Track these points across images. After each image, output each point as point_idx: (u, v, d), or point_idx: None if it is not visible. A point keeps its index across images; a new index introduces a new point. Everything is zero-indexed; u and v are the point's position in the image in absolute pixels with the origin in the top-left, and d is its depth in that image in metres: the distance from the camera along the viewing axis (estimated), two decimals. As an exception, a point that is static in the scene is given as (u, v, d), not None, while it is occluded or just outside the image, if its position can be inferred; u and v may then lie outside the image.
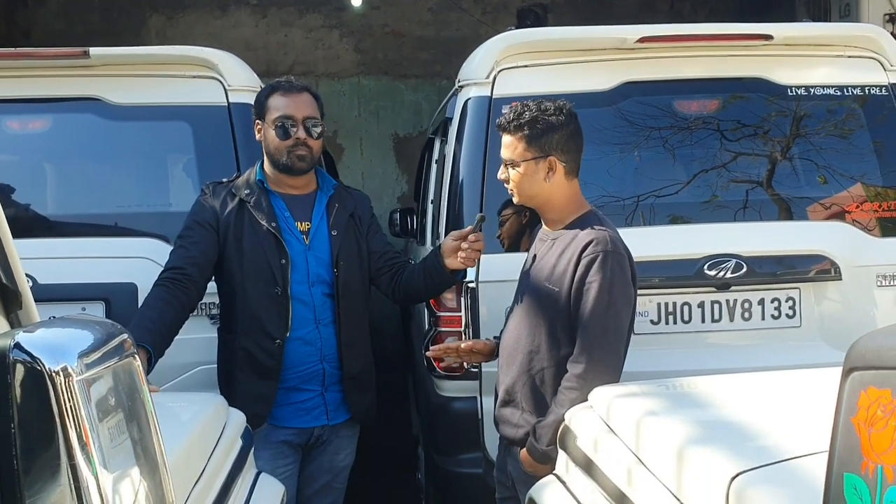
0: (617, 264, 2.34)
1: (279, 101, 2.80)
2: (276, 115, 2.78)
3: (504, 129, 2.47)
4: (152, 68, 3.43)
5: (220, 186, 2.84)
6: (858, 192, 3.25)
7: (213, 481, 1.86)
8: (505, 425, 2.52)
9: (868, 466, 0.94)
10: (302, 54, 8.13)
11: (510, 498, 2.62)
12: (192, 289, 2.72)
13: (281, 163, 2.79)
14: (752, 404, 1.97)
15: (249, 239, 2.75)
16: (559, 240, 2.45)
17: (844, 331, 3.07)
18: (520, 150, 2.43)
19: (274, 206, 2.80)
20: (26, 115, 3.50)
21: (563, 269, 2.38)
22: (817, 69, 3.36)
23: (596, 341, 2.32)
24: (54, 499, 0.84)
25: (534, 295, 2.47)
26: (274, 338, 2.73)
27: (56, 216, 3.46)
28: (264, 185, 2.82)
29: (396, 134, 8.13)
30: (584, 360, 2.31)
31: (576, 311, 2.35)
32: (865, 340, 1.00)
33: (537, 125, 2.41)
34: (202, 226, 2.77)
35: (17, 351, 0.85)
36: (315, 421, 2.82)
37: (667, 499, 1.65)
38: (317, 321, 2.79)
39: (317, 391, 2.81)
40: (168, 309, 2.64)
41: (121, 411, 0.95)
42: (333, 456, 2.92)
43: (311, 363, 2.78)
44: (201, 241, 2.76)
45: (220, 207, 2.78)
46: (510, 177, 2.48)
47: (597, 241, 2.34)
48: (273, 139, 2.78)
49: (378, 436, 5.61)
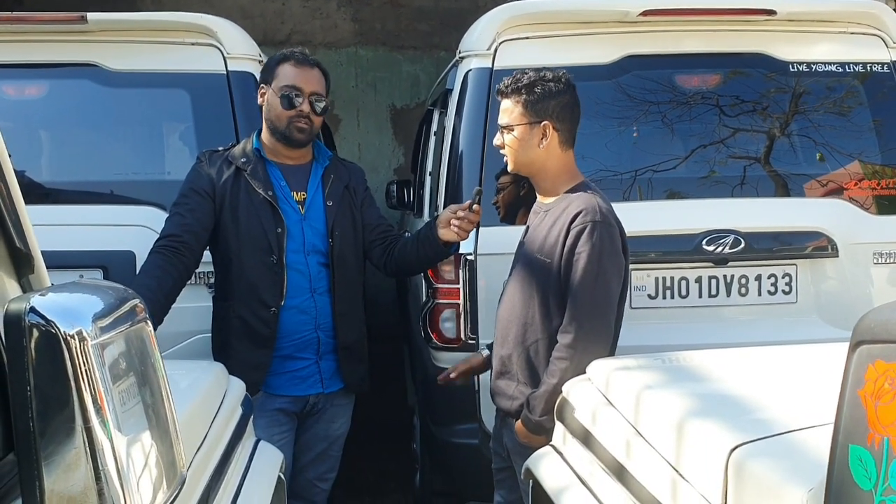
0: (606, 234, 2.35)
1: (290, 70, 2.79)
2: (284, 84, 2.76)
3: (502, 93, 2.50)
4: (151, 35, 3.39)
5: (215, 155, 2.83)
6: (856, 170, 3.26)
7: (215, 448, 1.87)
8: (500, 397, 2.54)
9: (874, 438, 0.95)
10: (299, 23, 8.05)
11: (506, 468, 2.64)
12: (188, 256, 2.72)
13: (279, 131, 2.78)
14: (750, 379, 1.99)
15: (245, 207, 2.75)
16: (551, 211, 2.46)
17: (840, 307, 3.10)
18: (516, 114, 2.46)
19: (270, 175, 2.79)
20: (22, 80, 3.47)
21: (554, 239, 2.39)
22: (819, 45, 3.35)
23: (585, 311, 2.33)
24: (69, 460, 0.85)
25: (527, 267, 2.48)
26: (269, 306, 2.74)
27: (53, 183, 3.44)
28: (261, 154, 2.82)
29: (394, 105, 8.09)
30: (573, 330, 2.33)
31: (566, 281, 2.37)
32: (874, 314, 1.01)
33: (535, 90, 2.43)
34: (199, 193, 2.76)
35: (33, 315, 0.85)
36: (310, 389, 2.84)
37: (665, 471, 1.67)
38: (312, 290, 2.80)
39: (311, 360, 2.83)
40: (166, 277, 2.64)
41: (133, 375, 0.95)
42: (329, 424, 2.94)
43: (305, 332, 2.80)
44: (197, 209, 2.75)
45: (217, 175, 2.77)
46: (505, 142, 2.50)
47: (586, 212, 2.35)
48: (276, 106, 2.77)
49: (373, 406, 5.65)
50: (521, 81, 2.45)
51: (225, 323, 2.81)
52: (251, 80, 3.36)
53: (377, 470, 4.67)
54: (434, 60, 7.92)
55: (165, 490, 0.99)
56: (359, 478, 4.55)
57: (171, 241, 2.71)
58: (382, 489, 4.48)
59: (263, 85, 2.83)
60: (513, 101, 2.46)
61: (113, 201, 3.35)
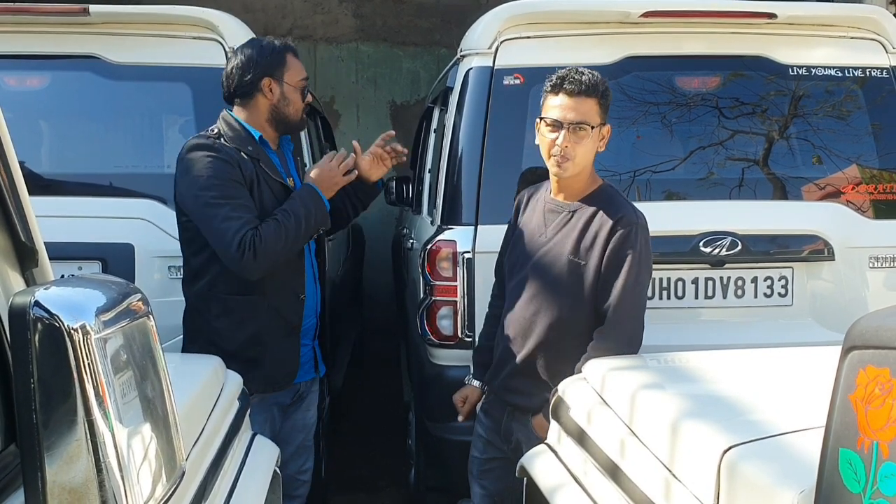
0: (645, 238, 2.43)
1: (297, 63, 2.79)
2: (301, 77, 2.77)
3: (581, 91, 2.40)
4: (153, 28, 3.40)
5: (218, 142, 2.64)
6: (854, 174, 3.27)
7: (212, 442, 1.88)
8: (514, 394, 2.56)
9: (864, 442, 0.96)
10: (300, 18, 8.05)
11: (497, 459, 2.66)
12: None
13: (295, 122, 2.79)
14: (744, 380, 2.00)
15: (269, 197, 2.67)
16: (579, 212, 2.47)
17: (836, 311, 3.12)
18: (594, 113, 2.41)
19: (274, 162, 2.78)
20: (24, 71, 3.47)
21: (591, 242, 2.41)
22: (819, 49, 3.36)
23: (627, 314, 2.40)
24: (71, 452, 0.86)
25: (554, 268, 2.48)
26: (298, 294, 2.75)
27: (53, 175, 3.45)
28: (263, 141, 2.76)
29: (394, 101, 8.09)
30: (615, 332, 2.39)
31: (605, 283, 2.40)
32: (866, 320, 1.02)
33: (608, 93, 2.45)
34: (241, 184, 2.61)
35: (37, 308, 0.86)
36: (307, 375, 2.86)
37: (659, 470, 1.68)
38: (314, 274, 2.86)
39: (309, 344, 2.86)
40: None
41: (134, 369, 0.97)
42: (305, 413, 2.95)
43: (311, 316, 2.83)
44: (251, 200, 2.62)
45: (242, 165, 2.62)
46: (572, 144, 2.39)
47: (626, 216, 2.41)
48: (297, 100, 2.76)
49: (368, 402, 5.67)
50: (594, 80, 2.41)
51: (255, 317, 2.69)
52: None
53: (372, 466, 4.69)
54: (434, 57, 7.93)
55: (165, 483, 1.00)
56: (353, 473, 4.56)
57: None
58: (376, 485, 4.49)
59: (269, 78, 2.70)
60: (593, 99, 2.40)
61: (113, 194, 3.35)
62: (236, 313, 2.68)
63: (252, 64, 2.70)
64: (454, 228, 3.16)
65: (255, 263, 2.54)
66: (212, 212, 2.56)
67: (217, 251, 2.59)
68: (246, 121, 2.73)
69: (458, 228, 3.15)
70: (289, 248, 2.63)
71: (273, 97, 2.72)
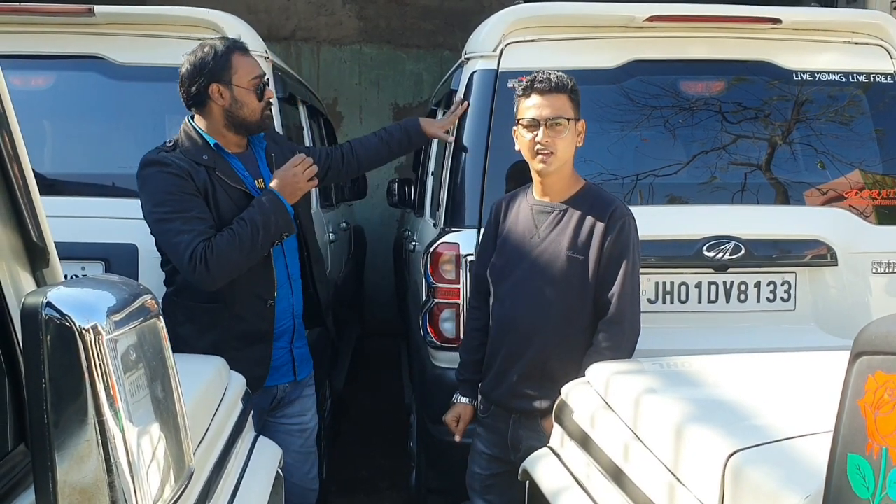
0: (636, 229, 2.53)
1: (248, 61, 2.70)
2: (253, 76, 2.68)
3: (552, 89, 2.50)
4: (157, 29, 3.41)
5: (171, 155, 2.64)
6: (857, 179, 3.27)
7: (216, 442, 1.88)
8: (523, 399, 2.56)
9: (873, 448, 0.96)
10: (304, 19, 8.06)
11: (501, 473, 2.65)
12: None
13: (254, 123, 2.71)
14: (749, 385, 2.00)
15: (226, 205, 2.64)
16: (570, 210, 2.52)
17: (838, 316, 3.12)
18: (568, 108, 2.52)
19: (235, 168, 2.72)
20: (28, 71, 3.47)
21: (587, 237, 2.48)
22: (823, 55, 3.36)
23: (629, 302, 2.47)
24: (82, 452, 0.86)
25: (553, 265, 2.51)
26: (265, 299, 2.72)
27: (57, 175, 3.44)
28: (220, 148, 2.70)
29: (396, 104, 8.10)
30: (620, 321, 2.46)
31: (605, 275, 2.47)
32: (874, 326, 1.02)
33: (577, 90, 2.54)
34: (195, 195, 2.60)
35: (49, 309, 0.86)
36: (282, 378, 2.83)
37: (663, 475, 1.68)
38: (290, 278, 2.81)
39: (286, 348, 2.83)
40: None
41: (145, 370, 0.97)
42: (300, 417, 2.93)
43: (285, 319, 2.81)
44: (207, 211, 2.61)
45: (194, 176, 2.61)
46: (552, 138, 2.49)
47: (618, 208, 2.50)
48: (252, 100, 2.68)
49: (369, 404, 5.66)
50: (562, 78, 2.52)
51: (217, 324, 2.69)
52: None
53: (372, 467, 4.69)
54: (437, 59, 7.94)
55: (173, 483, 1.00)
56: (354, 475, 4.56)
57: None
58: (377, 487, 4.49)
59: (216, 84, 2.65)
60: (564, 96, 2.50)
61: (116, 194, 3.35)
62: (199, 321, 2.70)
63: (197, 72, 2.66)
64: (457, 231, 3.16)
65: (208, 275, 2.54)
66: (165, 227, 2.58)
67: (175, 265, 2.63)
68: (205, 129, 2.71)
69: (461, 231, 3.15)
70: (247, 257, 2.59)
71: (225, 102, 2.67)
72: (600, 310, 2.49)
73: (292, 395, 2.89)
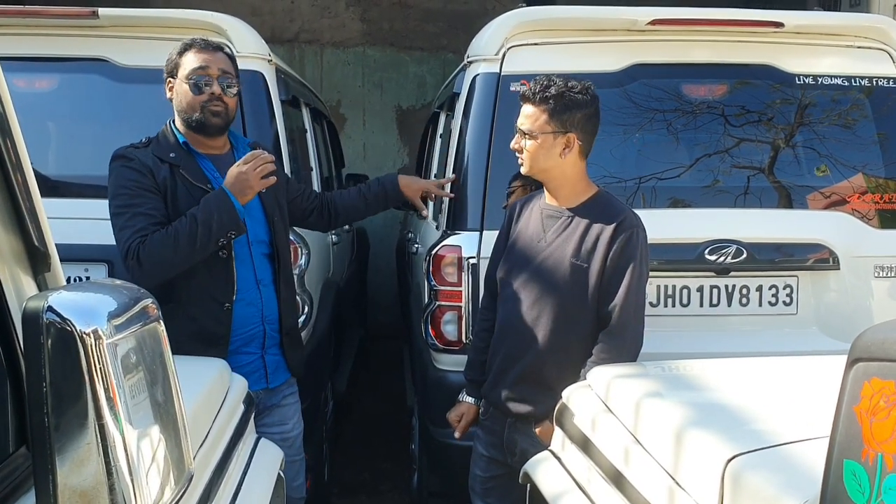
0: (645, 240, 2.48)
1: (193, 56, 2.67)
2: (191, 69, 2.65)
3: (528, 99, 2.49)
4: (161, 31, 3.41)
5: (138, 151, 2.66)
6: (860, 183, 3.28)
7: (217, 445, 1.89)
8: (518, 403, 2.56)
9: (868, 454, 0.97)
10: (307, 22, 8.08)
11: (500, 476, 2.66)
12: None
13: (193, 119, 2.66)
14: (749, 389, 2.00)
15: (187, 203, 2.60)
16: (579, 216, 2.50)
17: (840, 320, 3.12)
18: (541, 122, 2.47)
19: (203, 168, 2.70)
20: (33, 73, 3.49)
21: (592, 245, 2.45)
22: (826, 59, 3.37)
23: (631, 315, 2.44)
24: (82, 455, 0.87)
25: (556, 271, 2.50)
26: (222, 303, 2.67)
27: (60, 177, 3.46)
28: (189, 147, 2.70)
29: (400, 106, 8.11)
30: (621, 333, 2.42)
31: (608, 286, 2.44)
32: (871, 332, 1.02)
33: (562, 100, 2.45)
34: (150, 191, 2.59)
35: (50, 313, 0.87)
36: (254, 385, 2.70)
37: (663, 479, 1.68)
38: (257, 281, 2.74)
39: (256, 354, 2.77)
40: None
41: (145, 374, 0.97)
42: (281, 427, 2.86)
43: (252, 325, 2.74)
44: (159, 207, 2.59)
45: (156, 172, 2.61)
46: (524, 147, 2.51)
47: (627, 218, 2.46)
48: (186, 94, 2.65)
49: (371, 406, 5.67)
50: (550, 90, 2.45)
51: (173, 325, 2.61)
52: (260, 78, 3.39)
53: (374, 470, 4.69)
54: (441, 62, 7.95)
55: (173, 486, 1.01)
56: (356, 478, 4.57)
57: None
58: (379, 489, 4.50)
59: (170, 79, 2.71)
60: (539, 108, 2.46)
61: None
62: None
63: (166, 72, 2.73)
64: (459, 234, 3.17)
65: (141, 271, 2.51)
66: (114, 221, 2.60)
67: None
68: (179, 127, 2.73)
69: (464, 234, 3.15)
70: (185, 255, 2.55)
71: (173, 99, 2.71)
72: (602, 320, 2.46)
73: (268, 403, 2.82)
